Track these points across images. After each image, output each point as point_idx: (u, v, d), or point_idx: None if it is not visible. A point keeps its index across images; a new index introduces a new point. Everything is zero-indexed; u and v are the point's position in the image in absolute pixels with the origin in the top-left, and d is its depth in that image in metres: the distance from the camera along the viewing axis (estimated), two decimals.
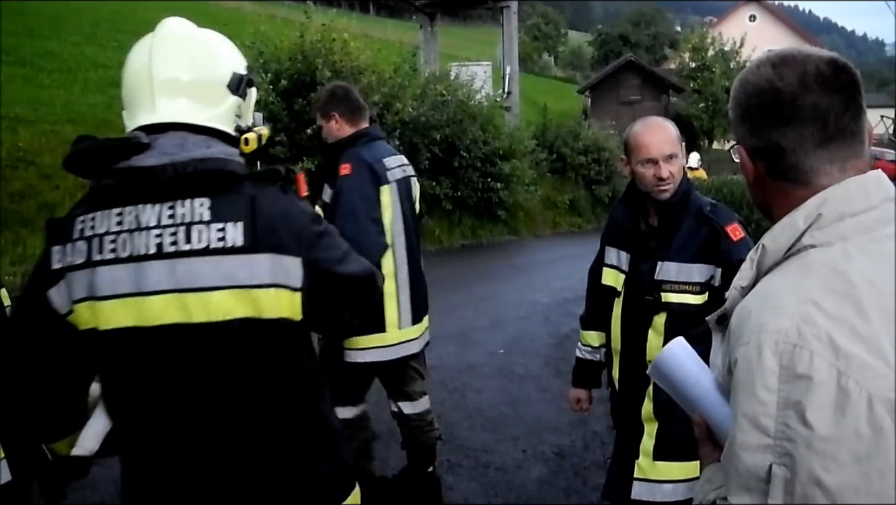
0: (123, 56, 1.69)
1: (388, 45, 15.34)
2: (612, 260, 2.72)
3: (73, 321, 1.52)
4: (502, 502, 3.99)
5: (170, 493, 1.57)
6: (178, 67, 1.61)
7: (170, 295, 1.50)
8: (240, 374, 1.54)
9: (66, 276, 1.52)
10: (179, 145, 1.54)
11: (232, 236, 1.51)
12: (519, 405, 5.33)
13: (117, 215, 1.51)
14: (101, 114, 12.65)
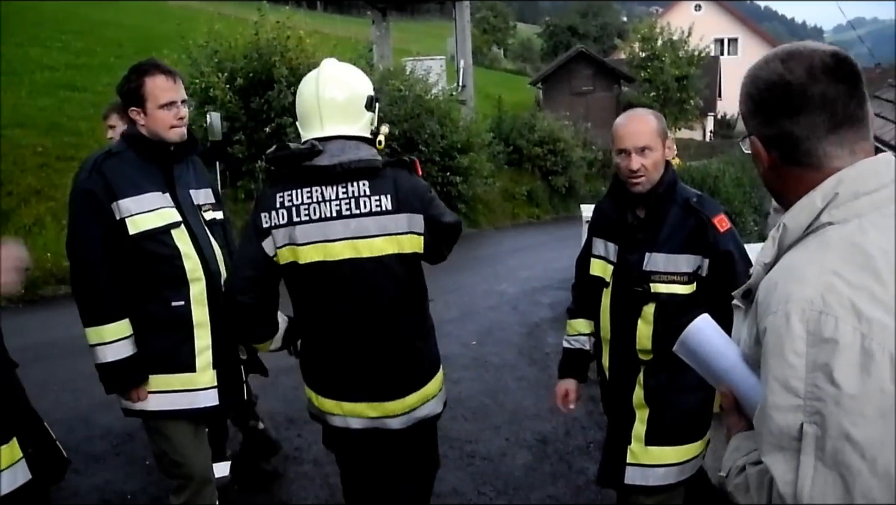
0: (70, 57, 1.72)
1: (342, 41, 15.27)
2: (600, 251, 2.72)
3: (276, 260, 2.53)
4: (491, 490, 4.05)
5: (339, 365, 2.61)
6: (336, 96, 2.52)
7: (346, 241, 2.49)
8: (388, 287, 2.54)
9: (272, 232, 2.51)
10: (341, 150, 2.49)
11: (384, 203, 2.50)
12: (497, 394, 5.39)
13: (307, 193, 2.49)
14: (51, 117, 12.38)
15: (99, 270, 2.70)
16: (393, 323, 2.59)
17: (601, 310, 2.69)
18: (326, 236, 2.49)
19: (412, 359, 2.66)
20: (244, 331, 2.78)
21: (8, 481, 2.07)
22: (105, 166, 2.72)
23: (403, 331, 2.63)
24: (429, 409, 2.72)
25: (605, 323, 2.69)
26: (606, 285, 2.67)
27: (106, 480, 4.09)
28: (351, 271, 2.50)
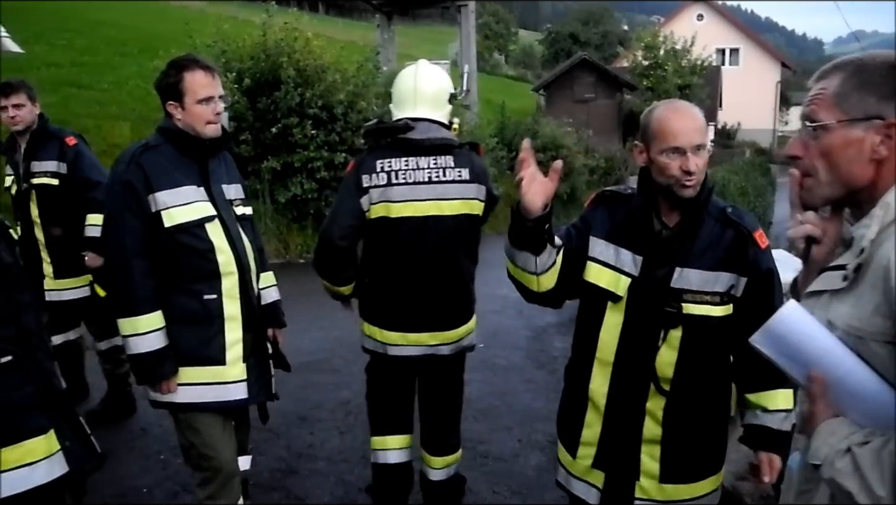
0: (74, 55, 1.78)
1: (347, 44, 15.31)
2: (608, 257, 2.32)
3: (368, 214, 3.17)
4: (505, 489, 4.08)
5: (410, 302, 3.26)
6: (428, 87, 3.25)
7: (432, 201, 3.19)
8: (459, 239, 3.27)
9: (370, 191, 3.15)
10: (427, 129, 3.20)
11: (463, 174, 3.22)
12: (507, 396, 5.42)
13: (404, 161, 3.16)
14: (58, 114, 12.27)
15: (134, 262, 2.73)
16: (458, 267, 3.31)
17: (605, 328, 2.31)
18: (417, 196, 3.18)
19: (466, 297, 3.40)
20: (335, 274, 3.33)
21: (45, 472, 2.09)
22: (143, 159, 2.76)
23: (464, 274, 3.35)
24: (469, 339, 3.46)
25: (609, 344, 2.31)
26: (615, 300, 2.29)
27: (122, 475, 4.10)
28: (433, 225, 3.20)
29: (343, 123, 10.96)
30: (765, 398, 2.34)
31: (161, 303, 2.80)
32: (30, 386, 2.07)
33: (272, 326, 3.14)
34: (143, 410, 4.84)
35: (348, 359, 6.15)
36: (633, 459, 2.32)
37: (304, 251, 10.83)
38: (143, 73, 14.96)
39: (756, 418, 2.36)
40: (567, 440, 2.47)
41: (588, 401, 2.37)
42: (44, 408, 2.11)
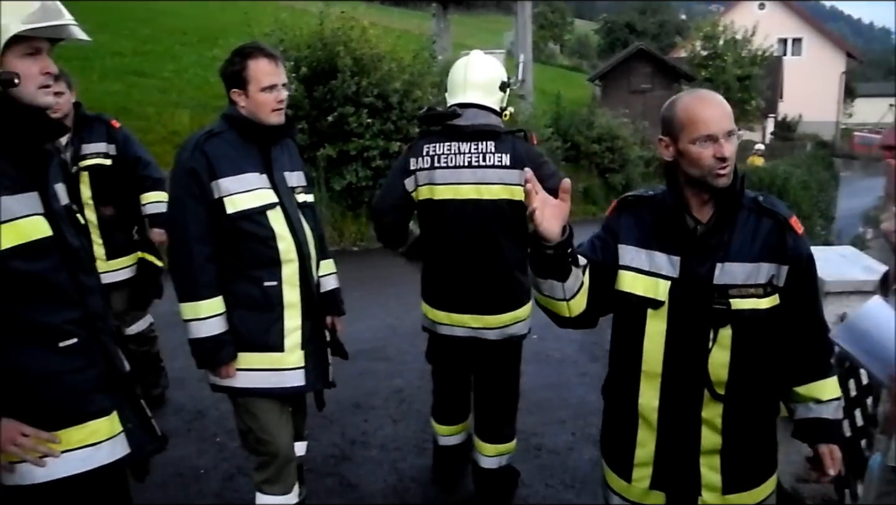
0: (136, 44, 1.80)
1: (403, 34, 15.32)
2: (642, 264, 2.20)
3: (414, 196, 3.41)
4: (559, 483, 4.05)
5: (452, 282, 3.40)
6: (479, 76, 3.40)
7: (472, 185, 3.31)
8: (499, 224, 3.32)
9: (416, 173, 3.37)
10: (475, 115, 3.35)
11: (504, 160, 3.29)
12: (560, 389, 5.37)
13: (447, 146, 3.33)
14: (120, 101, 12.65)
15: (197, 248, 2.76)
16: (499, 252, 3.35)
17: (648, 337, 2.19)
18: (458, 180, 3.32)
19: (509, 283, 3.40)
20: (389, 243, 3.62)
21: (107, 453, 2.11)
22: (207, 145, 2.78)
23: (506, 260, 3.37)
24: (518, 328, 3.48)
25: (654, 354, 2.19)
26: (656, 306, 2.16)
27: (180, 455, 4.18)
28: (473, 208, 3.32)
29: (398, 112, 10.98)
30: (816, 389, 2.23)
31: (222, 288, 2.83)
32: (94, 368, 2.10)
33: (331, 313, 3.15)
34: (199, 393, 4.93)
35: (401, 348, 6.18)
36: (692, 474, 2.21)
37: (357, 239, 10.91)
38: (202, 61, 15.21)
39: (810, 411, 2.25)
40: (618, 464, 2.32)
41: (638, 418, 2.24)
42: (107, 390, 2.13)
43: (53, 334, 2.00)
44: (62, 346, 2.02)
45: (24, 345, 1.97)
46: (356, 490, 3.96)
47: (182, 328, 2.90)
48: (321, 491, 3.89)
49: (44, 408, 2.01)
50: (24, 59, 1.91)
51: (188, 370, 5.14)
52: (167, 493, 3.86)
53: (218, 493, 3.90)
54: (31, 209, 1.97)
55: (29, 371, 1.98)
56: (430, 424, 4.68)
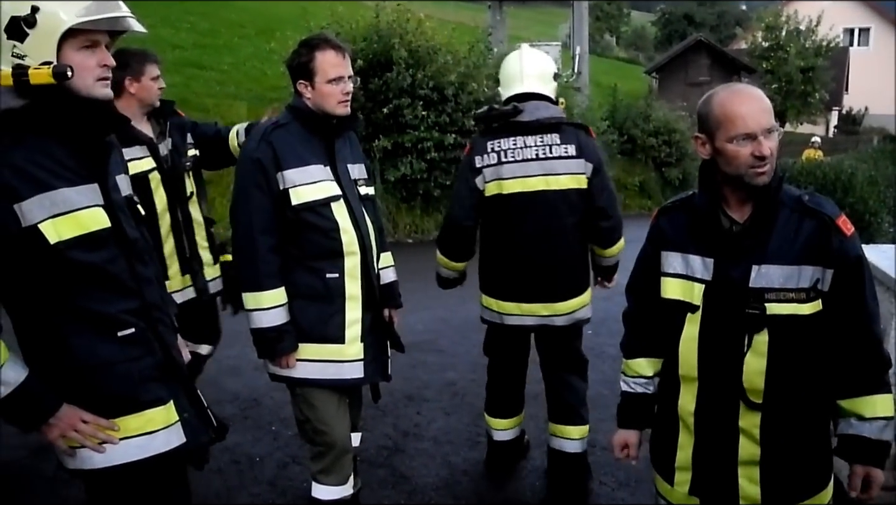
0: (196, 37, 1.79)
1: (459, 26, 15.30)
2: (678, 267, 2.16)
3: (484, 192, 3.46)
4: (612, 480, 3.99)
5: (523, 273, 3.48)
6: (535, 66, 3.50)
7: (540, 177, 3.40)
8: (567, 213, 3.42)
9: (483, 170, 3.43)
10: (536, 108, 3.42)
11: (570, 150, 3.40)
12: (615, 385, 5.18)
13: (513, 141, 3.41)
14: (180, 93, 12.86)
15: (261, 238, 2.78)
16: (567, 241, 3.47)
17: (682, 341, 2.15)
18: (526, 173, 3.40)
19: (577, 270, 3.55)
20: (459, 252, 3.67)
21: (163, 442, 2.14)
22: (273, 137, 2.80)
23: (573, 248, 3.51)
24: (584, 312, 3.62)
25: (689, 358, 2.14)
26: (693, 310, 2.12)
27: (235, 442, 4.24)
28: (542, 200, 3.41)
29: (454, 104, 10.97)
30: (860, 404, 2.08)
31: (284, 279, 2.85)
32: (150, 358, 2.12)
33: (389, 306, 3.15)
34: (254, 382, 5.00)
35: (454, 340, 6.17)
36: (730, 484, 2.13)
37: (412, 231, 10.94)
38: (259, 54, 15.43)
39: (850, 428, 2.10)
40: (662, 466, 2.29)
41: (679, 421, 2.20)
42: (163, 379, 2.16)
43: (111, 324, 2.04)
44: (120, 335, 2.05)
45: (83, 334, 2.01)
46: (408, 482, 3.96)
47: (240, 316, 2.93)
48: (374, 482, 3.91)
49: (101, 396, 2.05)
50: (81, 52, 1.94)
51: (244, 358, 5.25)
52: (224, 479, 3.91)
53: (272, 480, 3.94)
54: (91, 201, 2.00)
55: (88, 360, 2.02)
56: (482, 417, 4.67)
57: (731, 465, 2.12)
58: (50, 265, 1.93)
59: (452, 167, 11.25)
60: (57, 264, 1.93)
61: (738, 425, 2.09)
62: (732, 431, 2.10)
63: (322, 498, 3.05)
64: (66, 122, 1.96)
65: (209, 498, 3.67)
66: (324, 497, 3.05)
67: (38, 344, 2.03)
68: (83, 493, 2.20)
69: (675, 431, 2.22)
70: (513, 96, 3.50)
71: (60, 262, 1.93)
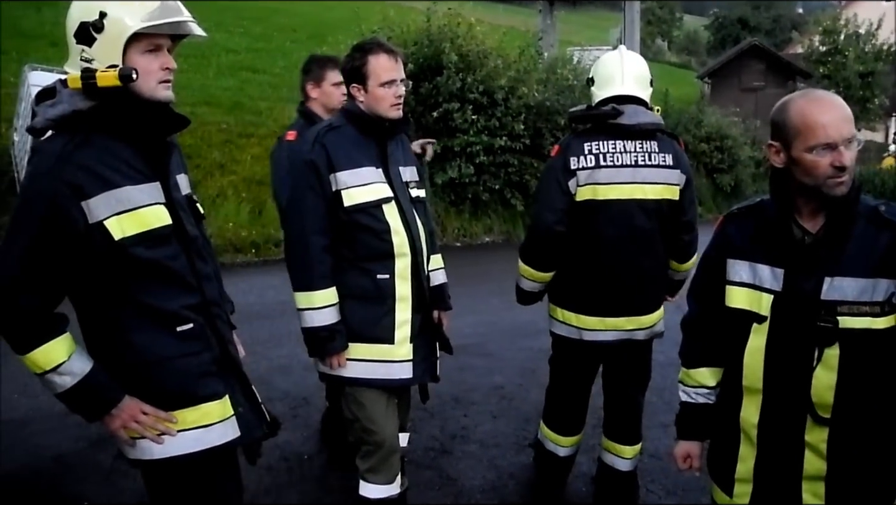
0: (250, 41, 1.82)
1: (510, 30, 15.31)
2: (745, 276, 2.12)
3: (575, 196, 3.24)
4: (660, 488, 3.95)
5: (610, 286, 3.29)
6: (636, 68, 3.32)
7: (637, 185, 3.22)
8: (658, 224, 3.27)
9: (577, 173, 3.22)
10: (635, 113, 3.23)
11: (667, 160, 3.26)
12: (664, 393, 5.22)
13: (612, 144, 3.23)
14: (234, 97, 13.18)
15: (314, 239, 2.83)
16: (655, 251, 3.33)
17: (748, 352, 2.10)
18: (623, 179, 3.22)
19: (660, 282, 3.46)
20: (546, 261, 3.41)
21: (219, 435, 2.18)
22: (326, 139, 2.85)
23: (660, 259, 3.39)
24: (660, 326, 3.51)
25: (754, 369, 2.09)
26: (760, 321, 2.07)
27: (285, 440, 4.30)
28: (636, 208, 3.23)
29: (503, 109, 10.98)
30: None
31: (336, 280, 2.89)
32: (208, 353, 2.17)
33: (438, 308, 3.17)
34: (304, 381, 5.06)
35: (502, 344, 6.17)
36: (793, 499, 2.07)
37: (460, 235, 10.97)
38: None
39: None
40: (720, 477, 2.25)
41: (740, 432, 2.15)
42: (220, 374, 2.21)
43: (171, 319, 2.09)
44: (179, 330, 2.11)
45: (144, 329, 2.07)
46: (455, 484, 3.97)
47: (288, 316, 2.97)
48: (421, 483, 3.92)
49: (160, 389, 2.11)
50: (145, 56, 2.00)
51: (294, 357, 5.33)
52: (273, 476, 3.97)
53: (320, 479, 3.99)
54: (153, 199, 2.06)
55: (148, 354, 2.08)
56: (529, 421, 4.67)
57: (795, 479, 2.06)
58: (114, 261, 2.00)
59: (501, 171, 11.26)
60: (120, 260, 2.00)
61: (804, 440, 2.03)
62: (798, 445, 2.04)
63: (369, 496, 3.08)
64: (131, 123, 2.03)
65: (259, 494, 3.73)
66: (371, 496, 3.08)
67: (100, 338, 2.10)
68: (138, 484, 2.26)
69: (736, 443, 2.17)
70: (610, 98, 3.29)
71: (124, 258, 2.00)
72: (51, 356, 2.00)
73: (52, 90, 2.04)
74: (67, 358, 2.01)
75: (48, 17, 14.63)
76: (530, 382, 5.42)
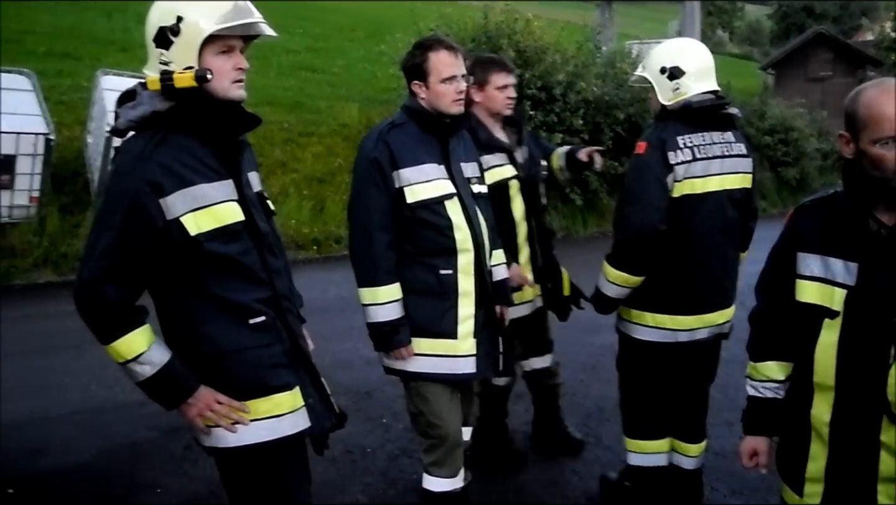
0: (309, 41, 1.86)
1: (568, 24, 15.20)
2: (816, 270, 2.04)
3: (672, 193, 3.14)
4: (725, 487, 3.90)
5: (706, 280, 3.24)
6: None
7: (723, 176, 3.18)
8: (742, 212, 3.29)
9: (675, 168, 3.13)
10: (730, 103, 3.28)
11: (744, 149, 3.28)
12: (729, 390, 5.13)
13: (700, 136, 3.17)
14: (294, 96, 13.38)
15: (378, 235, 2.88)
16: (736, 241, 3.34)
17: (819, 348, 2.03)
18: (715, 171, 3.17)
19: (737, 272, 3.41)
20: (644, 263, 3.22)
21: (290, 425, 2.25)
22: (389, 136, 2.90)
23: (738, 248, 3.38)
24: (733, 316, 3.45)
25: (826, 366, 2.03)
26: (832, 316, 2.00)
27: (348, 433, 4.35)
28: (726, 199, 3.20)
29: (562, 104, 10.91)
30: None
31: (400, 275, 2.94)
32: (279, 345, 2.24)
33: (500, 303, 3.19)
34: (366, 375, 5.13)
35: (564, 341, 6.00)
36: (867, 500, 2.00)
37: None
38: (369, 57, 15.79)
39: None
40: (790, 476, 2.18)
41: (811, 430, 2.08)
42: (291, 366, 2.27)
43: (244, 312, 2.16)
44: (252, 323, 2.17)
45: (218, 321, 2.14)
46: (517, 479, 3.99)
47: (350, 312, 3.03)
48: (484, 477, 3.94)
49: (234, 380, 2.18)
50: (218, 57, 2.07)
51: (356, 352, 5.40)
52: (337, 468, 4.05)
53: (384, 471, 4.05)
54: (227, 196, 2.13)
55: (222, 345, 2.16)
56: (591, 418, 4.66)
57: (869, 480, 1.99)
58: (190, 256, 2.08)
59: None
60: (196, 255, 2.08)
61: (879, 439, 1.96)
62: (873, 445, 1.97)
63: (433, 490, 3.13)
64: (206, 123, 2.10)
65: (324, 486, 3.80)
66: (435, 489, 3.12)
67: (178, 329, 2.18)
68: (208, 472, 2.33)
69: (807, 441, 2.10)
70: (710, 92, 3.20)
71: (199, 252, 2.07)
72: (132, 346, 2.09)
73: (132, 92, 2.13)
74: (147, 348, 2.09)
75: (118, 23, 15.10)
76: (591, 379, 5.40)
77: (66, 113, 9.76)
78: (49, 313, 6.30)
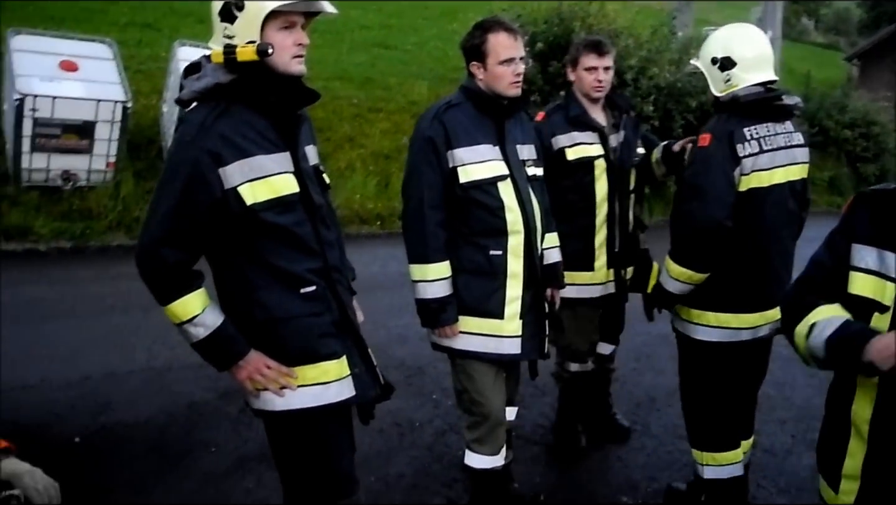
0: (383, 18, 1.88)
1: (644, 8, 14.92)
2: (872, 264, 1.96)
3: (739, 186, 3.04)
4: (772, 486, 3.86)
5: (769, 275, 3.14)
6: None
7: (786, 167, 3.09)
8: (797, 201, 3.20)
9: (742, 161, 3.01)
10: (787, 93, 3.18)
11: (802, 139, 3.18)
12: (784, 388, 5.07)
13: (765, 127, 3.05)
14: (366, 72, 13.48)
15: (430, 213, 2.92)
16: (795, 233, 3.31)
17: None
18: (779, 162, 3.07)
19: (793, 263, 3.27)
20: (711, 259, 3.10)
21: (335, 393, 2.32)
22: (445, 116, 2.93)
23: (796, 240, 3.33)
24: None
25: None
26: (882, 310, 1.93)
27: (398, 407, 4.45)
28: (789, 191, 3.13)
29: (633, 89, 10.72)
30: None
31: (450, 254, 2.97)
32: (329, 315, 2.31)
33: (551, 286, 3.21)
34: (419, 351, 5.18)
35: None
36: None
37: None
38: (442, 35, 15.76)
39: None
40: (828, 472, 2.11)
41: (850, 426, 2.01)
42: (339, 336, 2.34)
43: (296, 281, 2.24)
44: (303, 292, 2.25)
45: (272, 288, 2.23)
46: (562, 462, 4.01)
47: (408, 288, 3.09)
48: (527, 458, 3.99)
49: (283, 345, 2.27)
50: (280, 32, 2.14)
51: (411, 328, 5.45)
52: (384, 439, 4.14)
53: (430, 446, 4.13)
54: (283, 168, 2.20)
55: (274, 312, 2.24)
56: (640, 407, 4.64)
57: None
58: (246, 224, 2.16)
59: None
60: (252, 224, 2.16)
61: None
62: None
63: (474, 466, 3.18)
64: (266, 96, 2.17)
65: (370, 456, 3.90)
66: (476, 465, 3.18)
67: (232, 295, 2.28)
68: (260, 434, 2.42)
69: (846, 437, 2.05)
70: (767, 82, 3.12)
71: (255, 222, 2.15)
72: (188, 308, 2.19)
73: (197, 65, 2.21)
74: (202, 311, 2.19)
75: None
76: (644, 367, 5.37)
77: (144, 82, 10.06)
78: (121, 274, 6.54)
